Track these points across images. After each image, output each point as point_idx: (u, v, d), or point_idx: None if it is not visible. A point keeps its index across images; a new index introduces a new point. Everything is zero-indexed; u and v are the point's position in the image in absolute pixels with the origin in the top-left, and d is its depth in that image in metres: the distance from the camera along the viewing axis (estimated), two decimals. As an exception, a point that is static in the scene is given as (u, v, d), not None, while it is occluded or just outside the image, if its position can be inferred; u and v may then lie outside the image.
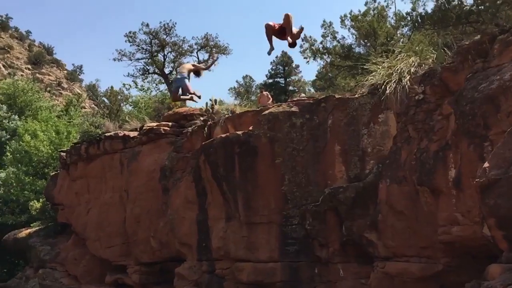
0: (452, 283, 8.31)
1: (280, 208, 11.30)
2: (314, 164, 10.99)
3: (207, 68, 11.88)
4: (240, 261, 11.67)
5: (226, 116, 13.60)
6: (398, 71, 9.68)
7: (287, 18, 8.90)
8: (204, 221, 12.84)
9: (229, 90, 36.61)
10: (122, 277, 16.40)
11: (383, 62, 10.34)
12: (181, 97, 11.47)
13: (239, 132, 12.06)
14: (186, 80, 10.86)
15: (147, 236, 14.97)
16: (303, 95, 16.11)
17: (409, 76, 9.49)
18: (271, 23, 9.03)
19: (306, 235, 10.88)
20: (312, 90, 30.39)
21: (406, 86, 9.36)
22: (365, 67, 10.98)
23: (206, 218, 12.81)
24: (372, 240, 9.60)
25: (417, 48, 10.91)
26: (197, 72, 11.53)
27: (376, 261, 9.58)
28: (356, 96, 10.82)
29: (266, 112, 11.81)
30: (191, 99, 11.68)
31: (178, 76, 11.35)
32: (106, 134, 17.07)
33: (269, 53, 9.35)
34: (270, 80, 33.06)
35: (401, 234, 9.10)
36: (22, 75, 52.83)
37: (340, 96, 11.27)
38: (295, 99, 13.05)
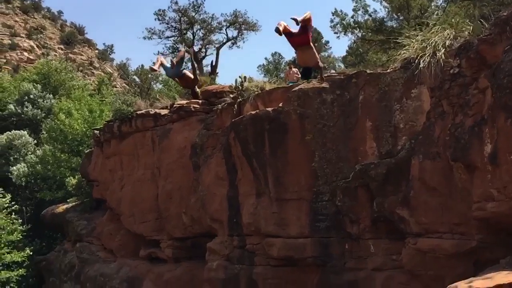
0: (486, 260, 8.19)
1: (310, 184, 11.30)
2: (344, 141, 10.90)
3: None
4: (271, 237, 11.78)
5: (256, 93, 13.56)
6: (433, 45, 9.42)
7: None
8: (235, 197, 12.97)
9: (258, 67, 36.36)
10: (156, 251, 16.83)
11: (417, 36, 10.07)
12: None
13: (269, 109, 12.03)
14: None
15: (178, 212, 15.26)
16: (333, 71, 15.85)
17: (444, 50, 9.22)
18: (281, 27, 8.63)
19: (337, 211, 10.87)
20: (342, 66, 29.91)
21: (441, 59, 9.11)
22: (397, 41, 10.74)
23: (237, 194, 12.94)
24: (404, 217, 9.52)
25: (452, 20, 10.53)
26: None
27: (408, 237, 9.52)
28: (388, 71, 10.61)
29: (296, 88, 11.73)
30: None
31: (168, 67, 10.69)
32: (137, 112, 17.31)
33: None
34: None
35: (434, 211, 9.00)
36: (55, 55, 53.88)
37: (371, 71, 11.07)
38: (325, 75, 12.88)
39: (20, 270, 22.05)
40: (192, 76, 8.97)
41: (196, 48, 26.09)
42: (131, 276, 17.03)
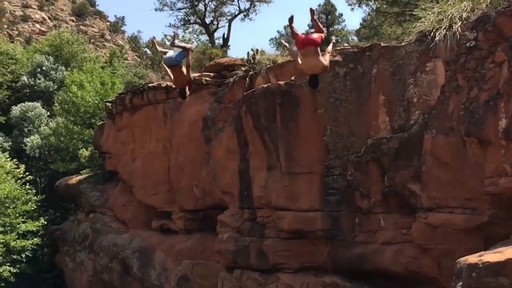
0: (497, 235, 8.16)
1: (321, 158, 11.29)
2: (357, 115, 10.82)
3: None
4: (281, 210, 11.86)
5: (268, 66, 13.44)
6: (449, 17, 9.20)
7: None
8: (246, 170, 13.02)
9: (270, 40, 35.92)
10: (167, 223, 17.07)
11: (433, 8, 9.84)
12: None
13: (281, 82, 11.95)
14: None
15: (190, 184, 15.40)
16: (346, 44, 15.62)
17: (460, 22, 9.02)
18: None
19: (348, 185, 10.88)
20: (356, 39, 29.44)
21: (457, 32, 8.92)
22: (413, 13, 10.51)
23: (248, 167, 12.98)
24: (415, 191, 9.51)
25: (470, -8, 10.28)
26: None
27: (419, 212, 9.52)
28: (403, 44, 10.42)
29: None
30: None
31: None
32: (149, 85, 17.33)
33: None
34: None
35: (446, 186, 8.96)
36: (66, 27, 53.66)
37: (385, 44, 10.89)
38: (338, 48, 12.71)
39: (35, 239, 22.56)
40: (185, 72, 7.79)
41: (207, 20, 25.81)
42: (143, 246, 17.34)
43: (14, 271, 21.50)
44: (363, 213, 10.69)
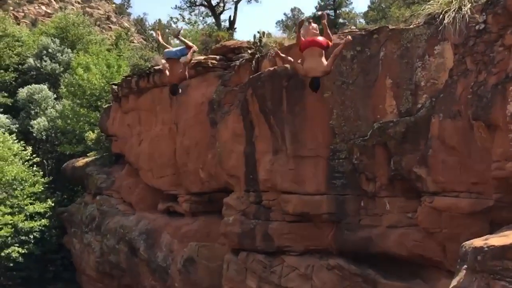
0: (503, 219, 8.15)
1: (327, 142, 11.27)
2: (363, 98, 10.76)
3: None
4: (287, 193, 11.89)
5: (274, 49, 13.35)
6: (458, -1, 9.08)
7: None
8: (252, 154, 13.04)
9: (276, 23, 35.68)
10: (174, 205, 17.20)
11: (442, -10, 9.69)
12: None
13: (288, 65, 11.87)
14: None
15: (196, 167, 15.45)
16: (353, 27, 15.45)
17: (470, 4, 8.88)
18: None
19: (353, 169, 10.87)
20: (363, 22, 29.14)
21: (466, 15, 8.79)
22: (422, -5, 10.37)
23: (254, 151, 12.99)
24: (421, 175, 9.49)
25: (480, -27, 10.10)
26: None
27: (424, 196, 9.52)
28: (411, 26, 10.29)
29: (316, 44, 11.48)
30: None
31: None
32: (155, 67, 17.27)
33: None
34: (319, 13, 31.85)
35: (452, 170, 8.94)
36: (72, 9, 53.44)
37: (393, 27, 10.76)
38: (345, 30, 12.60)
39: (43, 221, 22.83)
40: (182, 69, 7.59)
41: (214, 2, 25.57)
42: (150, 228, 17.50)
43: (23, 251, 21.83)
44: (369, 197, 10.70)
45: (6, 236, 21.39)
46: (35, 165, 24.29)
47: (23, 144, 24.77)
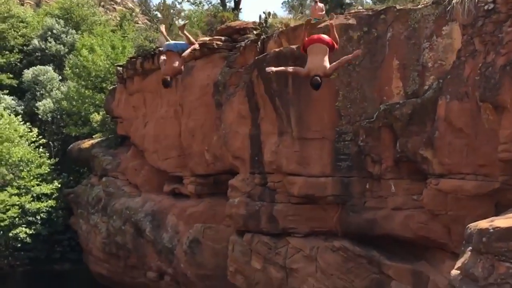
0: (508, 201, 8.14)
1: (333, 124, 11.23)
2: (370, 80, 10.67)
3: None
4: (292, 175, 11.89)
5: (280, 30, 13.22)
6: (467, -22, 8.92)
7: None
8: (257, 135, 13.02)
9: (282, 3, 35.23)
10: (179, 187, 17.25)
11: (451, -31, 9.52)
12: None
13: (293, 46, 11.77)
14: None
15: (201, 149, 15.45)
16: (360, 7, 15.26)
17: (479, -16, 8.74)
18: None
19: (359, 151, 10.84)
20: (370, 2, 28.75)
21: (475, -5, 8.66)
22: (430, -26, 10.18)
23: (259, 133, 12.97)
24: (427, 157, 9.45)
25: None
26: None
27: (430, 178, 9.49)
28: (419, 6, 10.16)
29: (322, 25, 11.38)
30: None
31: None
32: (160, 48, 17.16)
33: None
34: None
35: (458, 152, 8.89)
36: (76, -10, 53.00)
37: (401, 7, 10.61)
38: (352, 11, 12.44)
39: (49, 202, 23.04)
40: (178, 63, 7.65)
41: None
42: (156, 210, 17.60)
43: (30, 232, 22.08)
44: (374, 179, 10.69)
45: (14, 217, 21.62)
46: (41, 147, 24.40)
47: (29, 126, 24.86)
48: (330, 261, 11.54)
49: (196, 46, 8.34)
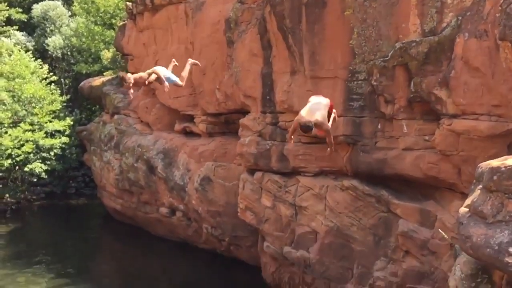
0: (522, 143, 8.10)
1: (346, 63, 11.01)
2: (386, 17, 10.32)
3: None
4: (303, 115, 11.81)
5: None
6: None
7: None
8: (269, 74, 12.86)
9: None
10: (190, 126, 17.35)
11: None
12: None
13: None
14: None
15: (212, 88, 15.36)
16: None
17: None
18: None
19: (372, 91, 10.69)
20: None
21: None
22: None
23: (271, 71, 12.80)
24: (441, 97, 9.30)
25: None
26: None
27: (443, 119, 9.39)
28: None
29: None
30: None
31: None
32: (170, -17, 16.71)
33: None
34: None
35: (474, 92, 8.73)
36: None
37: None
38: None
39: (63, 138, 23.38)
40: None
41: None
42: (167, 148, 17.81)
43: (45, 168, 22.58)
44: (386, 119, 10.60)
45: (28, 152, 22.05)
46: (52, 84, 24.46)
47: (40, 62, 24.79)
48: (339, 200, 11.72)
49: (181, 83, 9.29)
